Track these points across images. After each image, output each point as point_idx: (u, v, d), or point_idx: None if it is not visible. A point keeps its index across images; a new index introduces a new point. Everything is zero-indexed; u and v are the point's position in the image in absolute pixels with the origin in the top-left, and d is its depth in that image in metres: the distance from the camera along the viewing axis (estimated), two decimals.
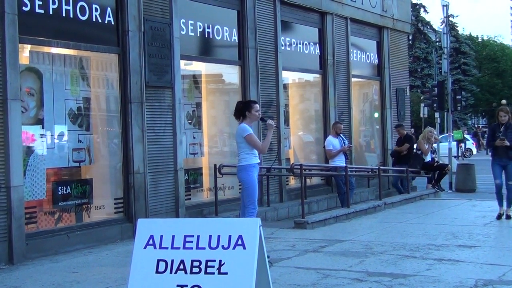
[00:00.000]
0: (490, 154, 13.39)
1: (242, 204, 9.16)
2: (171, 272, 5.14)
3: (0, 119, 9.14)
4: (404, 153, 17.53)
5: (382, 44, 19.54)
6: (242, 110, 9.13)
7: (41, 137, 10.04)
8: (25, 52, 9.94)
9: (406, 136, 17.90)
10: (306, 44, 16.41)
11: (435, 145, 23.41)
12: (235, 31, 13.93)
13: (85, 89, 10.78)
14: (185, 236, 5.22)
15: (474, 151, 45.47)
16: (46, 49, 10.25)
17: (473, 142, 46.71)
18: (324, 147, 15.34)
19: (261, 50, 14.28)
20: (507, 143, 11.97)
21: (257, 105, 9.28)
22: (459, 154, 41.47)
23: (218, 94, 14.75)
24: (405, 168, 16.88)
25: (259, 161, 9.21)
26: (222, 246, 5.12)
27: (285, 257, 8.92)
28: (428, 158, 18.21)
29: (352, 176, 15.36)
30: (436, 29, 65.60)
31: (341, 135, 15.22)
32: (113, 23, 11.08)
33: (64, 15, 10.23)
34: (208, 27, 13.26)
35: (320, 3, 16.43)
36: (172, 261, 5.16)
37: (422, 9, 65.56)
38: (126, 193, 11.18)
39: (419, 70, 63.15)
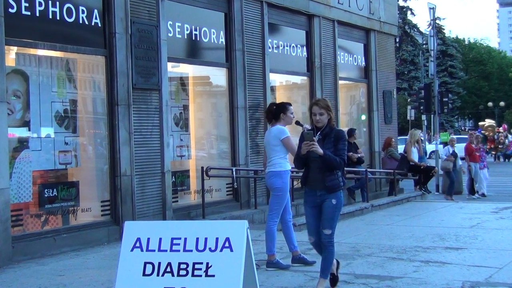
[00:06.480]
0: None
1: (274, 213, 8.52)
2: (158, 275, 5.14)
3: None
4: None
5: (369, 47, 19.57)
6: (276, 112, 8.62)
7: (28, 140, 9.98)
8: (11, 54, 9.89)
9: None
10: (293, 46, 16.42)
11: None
12: (222, 34, 13.92)
13: (71, 91, 10.74)
14: (172, 239, 5.22)
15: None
16: (32, 51, 10.20)
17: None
18: None
19: (248, 52, 14.27)
20: (320, 151, 6.79)
21: (292, 107, 8.81)
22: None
23: (205, 96, 14.72)
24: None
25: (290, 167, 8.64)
26: (209, 249, 5.12)
27: None
28: (415, 160, 18.21)
29: None
30: (423, 31, 65.97)
31: None
32: (100, 25, 11.05)
33: (50, 17, 10.19)
34: (195, 29, 13.24)
35: (307, 5, 16.44)
36: (159, 263, 5.16)
37: (409, 12, 65.86)
38: (113, 195, 11.14)
39: (406, 72, 63.43)
